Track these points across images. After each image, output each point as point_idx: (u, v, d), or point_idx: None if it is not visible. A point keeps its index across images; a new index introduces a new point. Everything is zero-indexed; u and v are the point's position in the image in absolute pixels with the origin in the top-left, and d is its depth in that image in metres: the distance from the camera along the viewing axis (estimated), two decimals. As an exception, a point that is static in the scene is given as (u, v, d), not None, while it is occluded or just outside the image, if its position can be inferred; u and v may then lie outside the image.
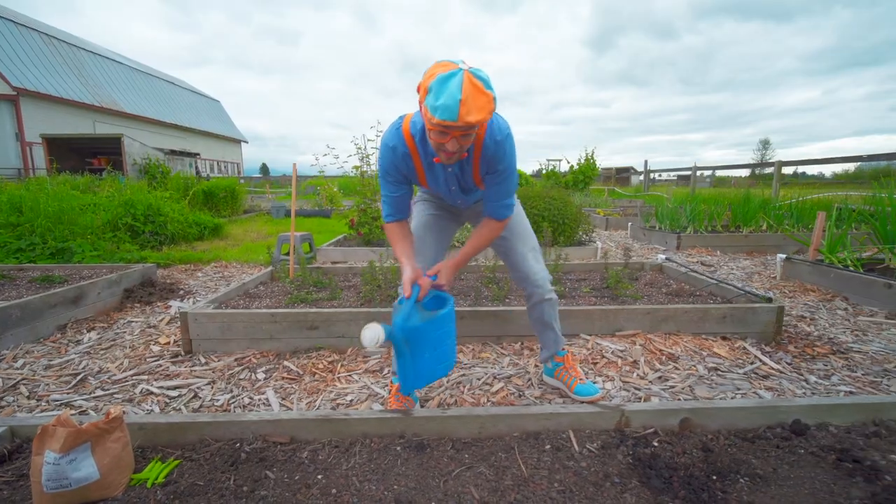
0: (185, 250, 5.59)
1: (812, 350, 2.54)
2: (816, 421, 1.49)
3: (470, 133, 1.34)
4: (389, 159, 1.58)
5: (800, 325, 2.96)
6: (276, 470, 1.29)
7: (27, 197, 4.91)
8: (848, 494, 1.19)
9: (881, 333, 2.81)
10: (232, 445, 1.38)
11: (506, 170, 1.57)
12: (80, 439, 1.14)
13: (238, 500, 1.18)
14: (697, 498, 1.18)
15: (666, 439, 1.42)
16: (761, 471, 1.28)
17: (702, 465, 1.31)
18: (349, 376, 2.25)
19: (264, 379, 2.22)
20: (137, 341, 2.70)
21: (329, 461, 1.33)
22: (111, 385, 2.17)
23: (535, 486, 1.22)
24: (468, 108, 1.25)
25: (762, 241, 5.88)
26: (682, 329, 2.67)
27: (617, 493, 1.20)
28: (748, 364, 2.34)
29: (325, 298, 3.08)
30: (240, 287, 3.21)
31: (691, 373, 2.24)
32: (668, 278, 3.71)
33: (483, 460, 1.33)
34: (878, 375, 2.25)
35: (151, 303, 3.44)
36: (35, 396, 2.06)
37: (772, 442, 1.40)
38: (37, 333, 2.69)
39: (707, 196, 8.95)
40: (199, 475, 1.26)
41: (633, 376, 2.20)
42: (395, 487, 1.22)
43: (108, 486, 1.19)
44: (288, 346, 2.54)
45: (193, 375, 2.27)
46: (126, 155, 13.08)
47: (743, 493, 1.20)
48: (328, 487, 1.22)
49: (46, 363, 2.38)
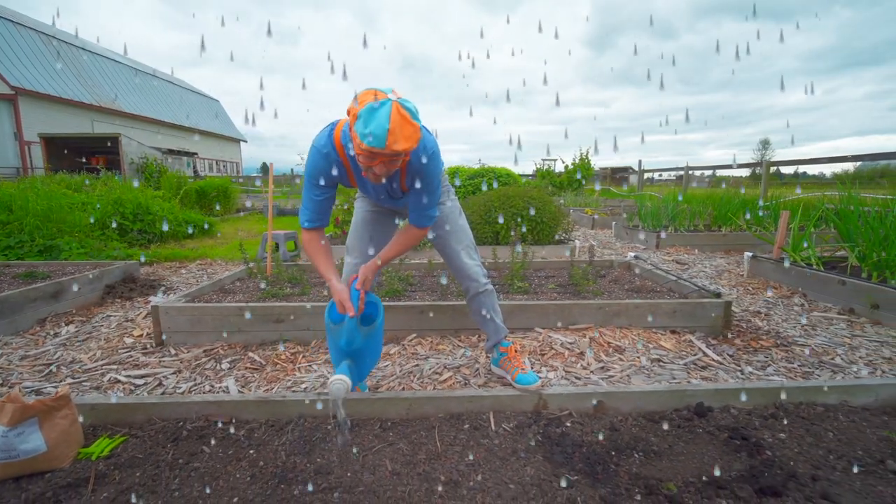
0: (174, 248, 5.72)
1: (756, 343, 2.66)
2: (721, 404, 1.61)
3: (396, 159, 1.45)
4: (321, 164, 1.63)
5: (753, 321, 3.08)
6: (213, 445, 1.41)
7: (17, 195, 5.03)
8: (730, 467, 1.30)
9: (829, 328, 2.92)
10: (175, 424, 1.50)
11: (428, 185, 1.66)
12: (27, 414, 1.26)
13: (173, 470, 1.30)
14: (592, 470, 1.30)
15: (578, 420, 1.54)
16: (657, 447, 1.40)
17: (605, 442, 1.43)
18: (309, 367, 2.36)
19: (228, 369, 2.34)
20: (113, 334, 2.82)
21: (263, 438, 1.45)
22: (81, 374, 2.29)
23: (446, 460, 1.34)
24: (395, 138, 1.35)
25: (740, 241, 5.99)
26: (634, 323, 2.78)
27: (520, 465, 1.32)
28: (690, 356, 2.46)
29: (297, 294, 3.19)
30: (215, 283, 3.33)
31: (634, 364, 2.35)
32: (633, 275, 3.82)
33: (405, 438, 1.45)
34: (813, 367, 2.36)
35: (132, 298, 3.56)
36: (8, 384, 2.18)
37: (674, 422, 1.52)
38: (16, 326, 2.81)
39: (697, 196, 9.06)
40: (140, 449, 1.38)
41: (577, 367, 2.31)
42: (318, 461, 1.34)
43: (55, 458, 1.31)
44: (255, 339, 2.65)
45: (161, 365, 2.39)
46: (124, 154, 13.22)
47: (634, 466, 1.31)
48: (257, 460, 1.34)
49: (23, 354, 2.50)
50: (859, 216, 3.85)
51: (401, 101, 1.39)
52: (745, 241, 5.93)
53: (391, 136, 1.34)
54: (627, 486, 1.23)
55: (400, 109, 1.37)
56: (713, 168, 14.34)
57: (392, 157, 1.42)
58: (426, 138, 1.61)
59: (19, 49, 18.81)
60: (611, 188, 20.11)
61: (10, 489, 1.24)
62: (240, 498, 1.19)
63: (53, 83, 19.59)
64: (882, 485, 1.23)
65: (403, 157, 1.45)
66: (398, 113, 1.36)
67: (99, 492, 1.21)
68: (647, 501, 1.17)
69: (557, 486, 1.23)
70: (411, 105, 1.42)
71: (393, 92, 1.43)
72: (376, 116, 1.35)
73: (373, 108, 1.36)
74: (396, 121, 1.35)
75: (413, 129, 1.39)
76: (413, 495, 1.21)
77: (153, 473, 1.28)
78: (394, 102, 1.37)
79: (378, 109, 1.36)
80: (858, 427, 1.50)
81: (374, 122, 1.35)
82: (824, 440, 1.42)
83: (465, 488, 1.23)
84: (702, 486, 1.22)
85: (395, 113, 1.36)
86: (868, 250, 3.47)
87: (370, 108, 1.36)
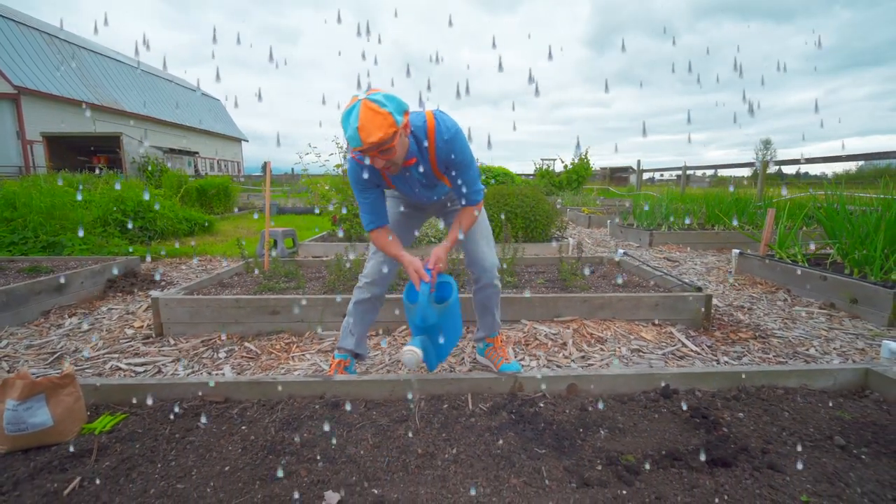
0: (174, 245, 5.82)
1: (735, 335, 2.75)
2: (687, 387, 1.70)
3: (386, 148, 1.52)
4: (357, 169, 1.74)
5: (736, 314, 3.17)
6: (207, 422, 1.51)
7: (21, 193, 5.14)
8: (687, 442, 1.40)
9: (808, 322, 3.01)
10: (173, 403, 1.60)
11: (463, 161, 1.74)
12: (36, 390, 1.36)
13: (170, 443, 1.40)
14: (559, 445, 1.39)
15: (552, 401, 1.63)
16: (622, 425, 1.49)
17: (574, 420, 1.52)
18: (302, 356, 2.46)
19: (225, 357, 2.44)
20: (114, 325, 2.93)
21: (255, 416, 1.55)
22: (84, 362, 2.40)
23: (424, 436, 1.44)
24: (367, 132, 1.45)
25: (732, 238, 6.08)
26: (618, 316, 2.88)
27: (493, 440, 1.42)
28: (669, 346, 2.55)
29: (292, 288, 3.30)
30: (214, 277, 3.43)
31: (615, 353, 2.45)
32: (622, 272, 3.91)
33: (386, 416, 1.54)
34: (787, 357, 2.46)
35: (133, 292, 3.67)
36: (14, 371, 2.28)
37: (641, 403, 1.61)
38: (21, 318, 2.92)
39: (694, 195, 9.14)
40: (140, 425, 1.48)
41: (559, 356, 2.41)
42: (305, 435, 1.44)
43: (61, 433, 1.41)
44: (251, 330, 2.76)
45: (161, 354, 2.49)
46: (125, 153, 13.34)
47: (598, 441, 1.41)
48: (248, 435, 1.44)
49: (28, 343, 2.61)
50: (845, 215, 3.94)
51: (369, 97, 1.49)
52: (736, 239, 6.02)
53: (363, 132, 1.45)
54: (590, 458, 1.33)
55: (368, 104, 1.47)
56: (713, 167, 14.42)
57: (377, 148, 1.50)
58: (441, 120, 1.69)
59: (22, 48, 18.95)
60: (610, 188, 20.19)
61: (19, 459, 1.34)
62: (231, 467, 1.29)
63: (56, 82, 19.73)
64: (826, 457, 1.32)
65: (390, 144, 1.52)
66: (367, 108, 1.45)
67: (101, 461, 1.31)
68: (606, 471, 1.27)
69: (525, 458, 1.33)
70: (380, 96, 1.49)
71: (366, 92, 1.52)
72: (349, 119, 1.48)
73: (346, 114, 1.49)
74: (365, 116, 1.45)
75: (382, 118, 1.46)
76: (391, 465, 1.30)
77: (152, 446, 1.38)
78: (362, 100, 1.48)
79: (349, 113, 1.48)
80: (814, 408, 1.59)
81: (348, 124, 1.48)
82: (780, 419, 1.52)
83: (440, 459, 1.33)
84: (659, 458, 1.32)
85: (363, 109, 1.45)
86: (850, 247, 3.56)
87: (344, 115, 1.50)
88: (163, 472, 1.27)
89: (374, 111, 1.46)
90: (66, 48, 21.86)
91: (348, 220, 5.90)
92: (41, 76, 19.16)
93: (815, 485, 1.21)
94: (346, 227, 5.84)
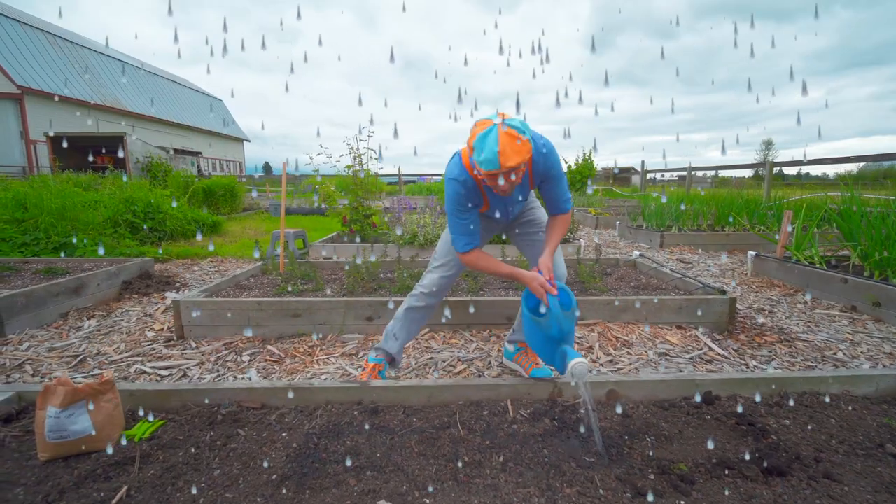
0: (184, 246, 5.81)
1: (760, 339, 2.73)
2: (728, 393, 1.68)
3: (515, 172, 1.56)
4: (461, 191, 1.75)
5: (757, 318, 3.15)
6: (247, 429, 1.49)
7: (31, 194, 5.12)
8: (737, 451, 1.38)
9: (832, 325, 2.99)
10: (210, 409, 1.58)
11: (557, 174, 1.82)
12: (78, 397, 1.34)
13: (212, 451, 1.38)
14: (607, 453, 1.37)
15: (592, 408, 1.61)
16: (668, 432, 1.47)
17: (618, 427, 1.50)
18: (327, 359, 2.44)
19: (248, 361, 2.42)
20: (134, 328, 2.91)
21: (294, 423, 1.53)
22: (108, 365, 2.38)
23: (469, 443, 1.42)
24: (507, 157, 1.49)
25: (743, 240, 6.06)
26: (641, 319, 2.86)
27: (538, 448, 1.40)
28: (696, 350, 2.53)
29: (311, 290, 3.28)
30: (231, 279, 3.41)
31: (641, 357, 2.43)
32: (639, 274, 3.89)
33: (426, 422, 1.52)
34: (816, 361, 2.44)
35: (148, 294, 3.65)
36: (39, 374, 2.26)
37: (683, 409, 1.59)
38: (40, 320, 2.90)
39: (698, 196, 9.12)
40: (180, 432, 1.46)
41: (586, 360, 2.38)
42: (348, 443, 1.42)
43: (101, 440, 1.39)
44: (273, 333, 2.74)
45: (184, 358, 2.47)
46: (129, 153, 13.32)
47: (647, 449, 1.39)
48: (290, 442, 1.42)
49: (49, 346, 2.59)
50: (862, 216, 3.92)
51: (507, 122, 1.53)
52: (747, 241, 6.00)
53: (502, 157, 1.49)
54: (640, 467, 1.31)
55: (509, 132, 1.51)
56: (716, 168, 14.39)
57: (511, 172, 1.54)
58: (536, 138, 1.74)
59: (25, 49, 18.93)
60: (613, 188, 20.17)
61: (60, 467, 1.32)
62: (278, 475, 1.27)
63: (59, 82, 19.71)
64: (881, 466, 1.30)
65: (522, 168, 1.57)
66: (507, 135, 1.50)
67: (146, 469, 1.29)
68: (660, 480, 1.25)
69: (575, 467, 1.31)
70: (517, 122, 1.55)
71: (499, 115, 1.56)
72: (487, 142, 1.50)
73: (482, 136, 1.52)
74: (505, 141, 1.49)
75: (522, 144, 1.51)
76: (440, 473, 1.28)
77: (195, 454, 1.36)
78: (499, 126, 1.51)
79: (487, 136, 1.51)
80: (859, 415, 1.57)
81: (486, 148, 1.50)
82: (826, 426, 1.50)
83: (488, 468, 1.31)
84: (711, 466, 1.30)
85: (503, 136, 1.50)
86: (870, 249, 3.54)
87: (480, 136, 1.52)
88: (208, 480, 1.25)
89: (513, 137, 1.50)
90: (69, 48, 21.84)
91: (359, 222, 5.88)
92: (45, 76, 19.15)
93: (874, 495, 1.19)
94: (357, 227, 5.83)
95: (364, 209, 5.90)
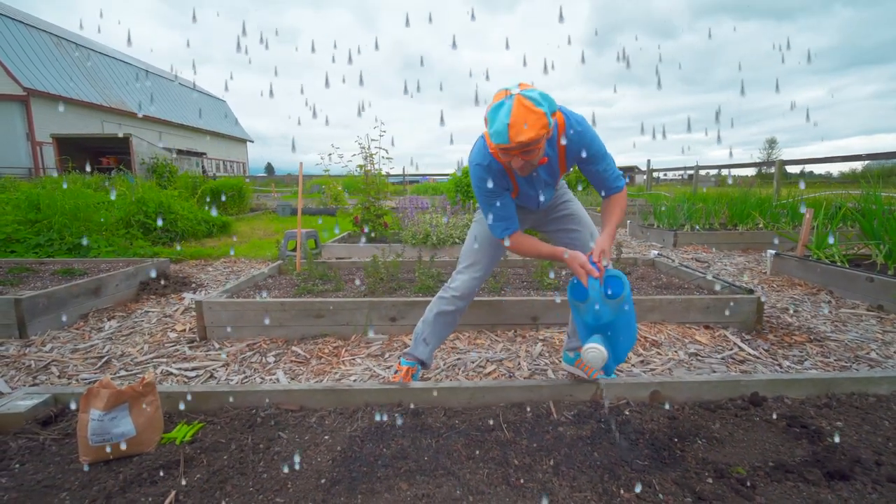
0: (195, 247, 5.79)
1: (790, 338, 2.69)
2: (774, 394, 1.65)
3: (530, 150, 1.44)
4: (485, 176, 1.63)
5: (783, 317, 3.11)
6: (288, 431, 1.46)
7: (44, 195, 5.11)
8: (792, 453, 1.34)
9: (859, 324, 2.95)
10: (248, 412, 1.55)
11: (598, 151, 1.65)
12: (120, 400, 1.32)
13: (256, 454, 1.35)
14: (658, 455, 1.34)
15: (636, 409, 1.58)
16: (718, 434, 1.44)
17: (666, 429, 1.47)
18: (353, 360, 2.42)
19: (274, 362, 2.40)
20: (155, 329, 2.88)
21: (335, 425, 1.50)
22: (134, 366, 2.35)
23: (516, 445, 1.39)
24: (517, 130, 1.36)
25: (757, 239, 6.01)
26: (668, 319, 2.82)
27: (588, 451, 1.37)
28: (727, 350, 2.50)
29: (330, 290, 3.25)
30: (249, 279, 3.39)
31: (672, 357, 2.40)
32: (659, 273, 3.86)
33: (469, 424, 1.49)
34: (849, 361, 2.40)
35: (166, 295, 3.63)
36: (65, 376, 2.24)
37: (731, 411, 1.56)
38: (61, 321, 2.88)
39: (709, 195, 9.06)
40: (221, 435, 1.44)
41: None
42: (393, 445, 1.39)
43: (142, 443, 1.36)
44: (296, 333, 2.71)
45: (209, 359, 2.45)
46: (135, 154, 13.33)
47: (699, 452, 1.36)
48: (334, 445, 1.39)
49: (73, 347, 2.57)
50: (884, 214, 3.87)
51: (524, 93, 1.40)
52: (762, 239, 5.95)
53: (512, 130, 1.36)
54: (696, 471, 1.27)
55: (522, 101, 1.37)
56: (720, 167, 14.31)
57: (522, 149, 1.42)
58: (569, 114, 1.60)
59: (31, 51, 18.98)
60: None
61: (103, 471, 1.29)
62: (326, 479, 1.24)
63: (64, 84, 19.75)
64: (945, 470, 1.26)
65: (537, 145, 1.43)
66: (521, 105, 1.37)
67: (191, 473, 1.27)
68: (719, 484, 1.22)
69: (629, 471, 1.27)
70: (535, 93, 1.41)
71: (520, 85, 1.44)
72: (498, 115, 1.39)
73: (495, 108, 1.41)
74: (518, 113, 1.36)
75: (537, 116, 1.37)
76: (492, 477, 1.25)
77: (239, 457, 1.33)
78: (516, 96, 1.39)
79: (499, 108, 1.40)
80: (912, 416, 1.53)
81: (497, 120, 1.39)
82: (881, 428, 1.46)
83: (540, 472, 1.28)
84: (769, 470, 1.26)
85: (517, 106, 1.37)
86: (895, 247, 3.50)
87: (493, 108, 1.41)
88: (257, 485, 1.22)
89: (528, 109, 1.37)
90: (75, 50, 21.89)
91: (370, 221, 5.85)
92: (50, 78, 19.19)
93: (943, 499, 1.15)
94: (369, 227, 5.80)
95: (376, 209, 5.87)
